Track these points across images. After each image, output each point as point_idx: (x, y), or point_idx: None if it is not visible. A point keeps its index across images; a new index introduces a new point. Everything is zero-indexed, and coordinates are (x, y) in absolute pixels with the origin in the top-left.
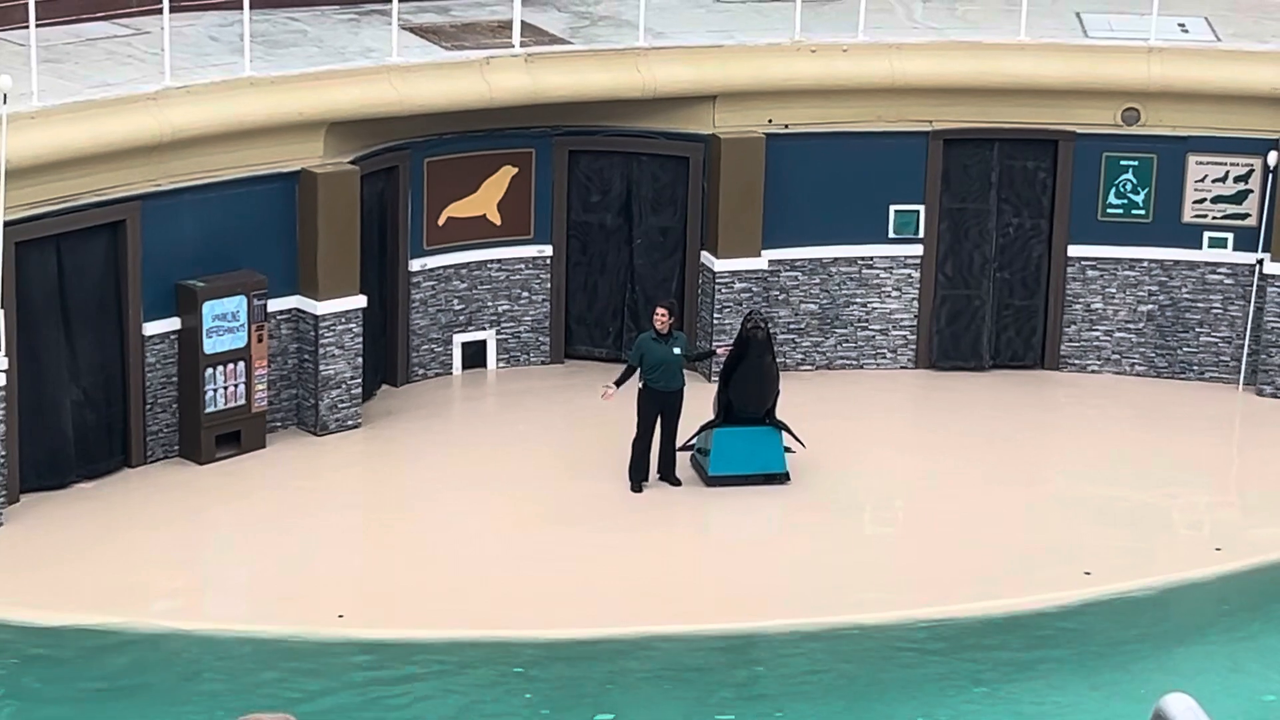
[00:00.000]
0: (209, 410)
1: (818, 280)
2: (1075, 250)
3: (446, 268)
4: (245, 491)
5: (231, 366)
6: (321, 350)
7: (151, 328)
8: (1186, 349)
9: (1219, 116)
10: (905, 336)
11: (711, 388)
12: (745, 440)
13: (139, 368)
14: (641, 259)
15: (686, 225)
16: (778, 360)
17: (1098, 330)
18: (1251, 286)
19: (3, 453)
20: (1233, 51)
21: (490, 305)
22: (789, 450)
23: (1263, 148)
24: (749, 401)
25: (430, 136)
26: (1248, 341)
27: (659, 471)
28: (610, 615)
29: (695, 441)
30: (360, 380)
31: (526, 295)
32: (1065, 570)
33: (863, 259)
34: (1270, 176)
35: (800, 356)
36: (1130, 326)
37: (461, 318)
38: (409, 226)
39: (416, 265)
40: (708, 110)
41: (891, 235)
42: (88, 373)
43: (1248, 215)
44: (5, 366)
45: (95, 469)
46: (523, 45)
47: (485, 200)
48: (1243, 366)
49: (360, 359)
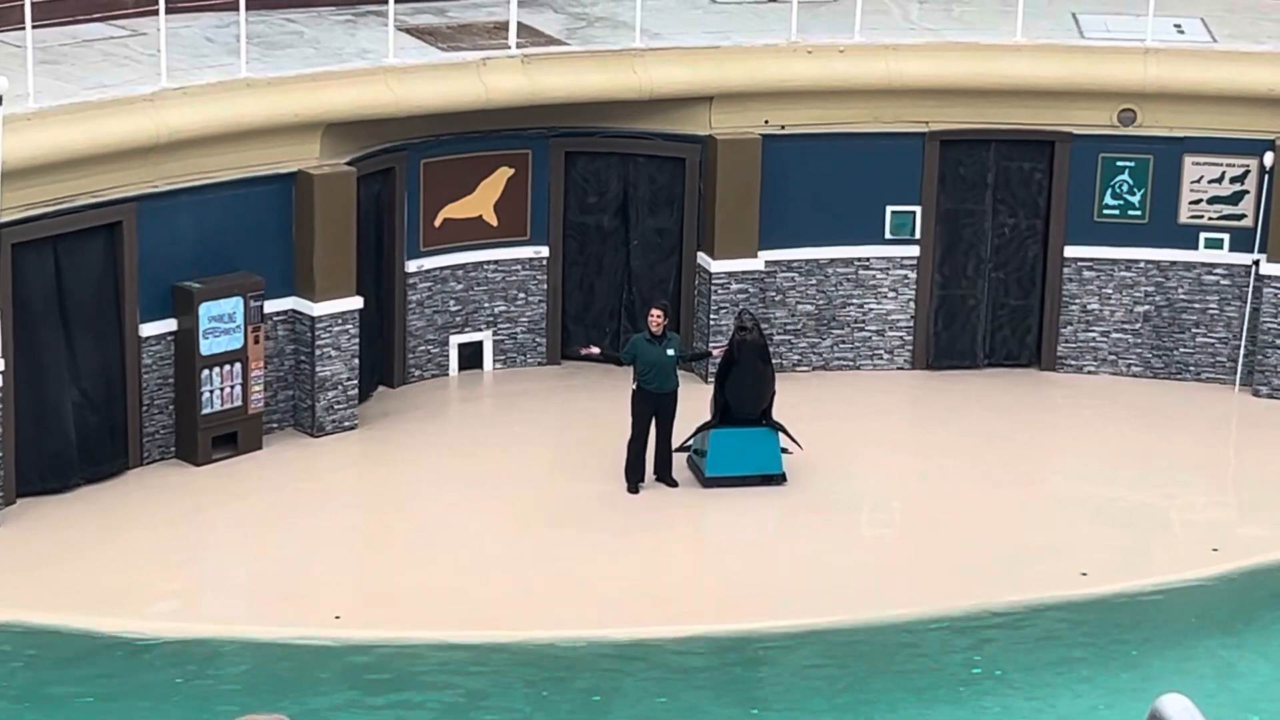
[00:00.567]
0: (206, 412)
1: (814, 281)
2: (1071, 251)
3: (443, 269)
4: (242, 493)
5: (228, 368)
6: (318, 351)
7: (148, 329)
8: (1183, 350)
9: (1215, 117)
10: (902, 337)
11: (708, 388)
12: (742, 441)
13: (136, 369)
14: (638, 260)
15: (683, 226)
16: (773, 361)
17: (1094, 331)
18: (1248, 287)
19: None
20: (1229, 52)
21: (487, 306)
22: (786, 451)
23: (1259, 148)
24: (744, 402)
25: (427, 137)
26: (1244, 342)
27: (655, 473)
28: (607, 616)
29: (692, 443)
30: (357, 381)
31: (523, 296)
32: (1062, 570)
33: (859, 260)
34: (1266, 177)
35: (797, 357)
36: (1127, 327)
37: (458, 319)
38: (405, 228)
39: (413, 266)
40: (704, 111)
41: (888, 236)
42: (88, 375)
43: (1244, 216)
44: (1, 368)
45: (98, 471)
46: (519, 46)
47: (482, 201)
48: (1239, 367)
49: (357, 360)
